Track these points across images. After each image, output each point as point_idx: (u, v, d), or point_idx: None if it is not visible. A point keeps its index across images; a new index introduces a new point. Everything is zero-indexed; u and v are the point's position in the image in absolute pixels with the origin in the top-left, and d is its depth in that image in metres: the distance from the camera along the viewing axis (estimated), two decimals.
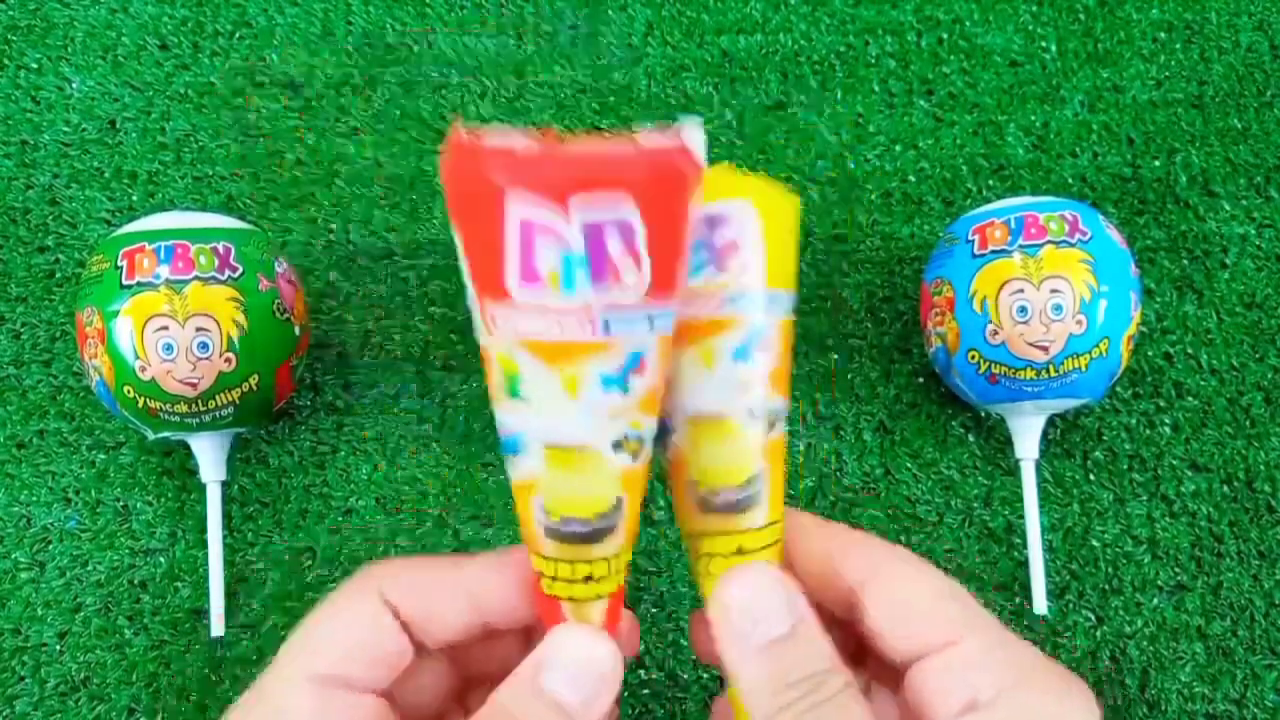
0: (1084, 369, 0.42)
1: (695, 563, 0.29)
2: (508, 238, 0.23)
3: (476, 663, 0.28)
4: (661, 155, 0.22)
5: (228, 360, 0.41)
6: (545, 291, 0.23)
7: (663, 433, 0.29)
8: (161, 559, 0.46)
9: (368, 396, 0.48)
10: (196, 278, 0.41)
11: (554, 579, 0.27)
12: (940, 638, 0.25)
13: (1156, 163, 0.52)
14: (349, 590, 0.26)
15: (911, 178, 0.52)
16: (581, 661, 0.26)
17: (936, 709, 0.25)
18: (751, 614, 0.26)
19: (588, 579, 0.27)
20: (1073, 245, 0.42)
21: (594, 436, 0.26)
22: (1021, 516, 0.47)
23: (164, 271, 0.41)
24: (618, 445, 0.26)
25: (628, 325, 0.24)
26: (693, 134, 0.23)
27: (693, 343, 0.28)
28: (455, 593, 0.27)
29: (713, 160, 0.46)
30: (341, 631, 0.26)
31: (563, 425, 0.26)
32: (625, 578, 0.29)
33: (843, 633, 0.27)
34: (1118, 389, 0.49)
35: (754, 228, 0.27)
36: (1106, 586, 0.46)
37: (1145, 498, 0.47)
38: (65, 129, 0.52)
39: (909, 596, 0.26)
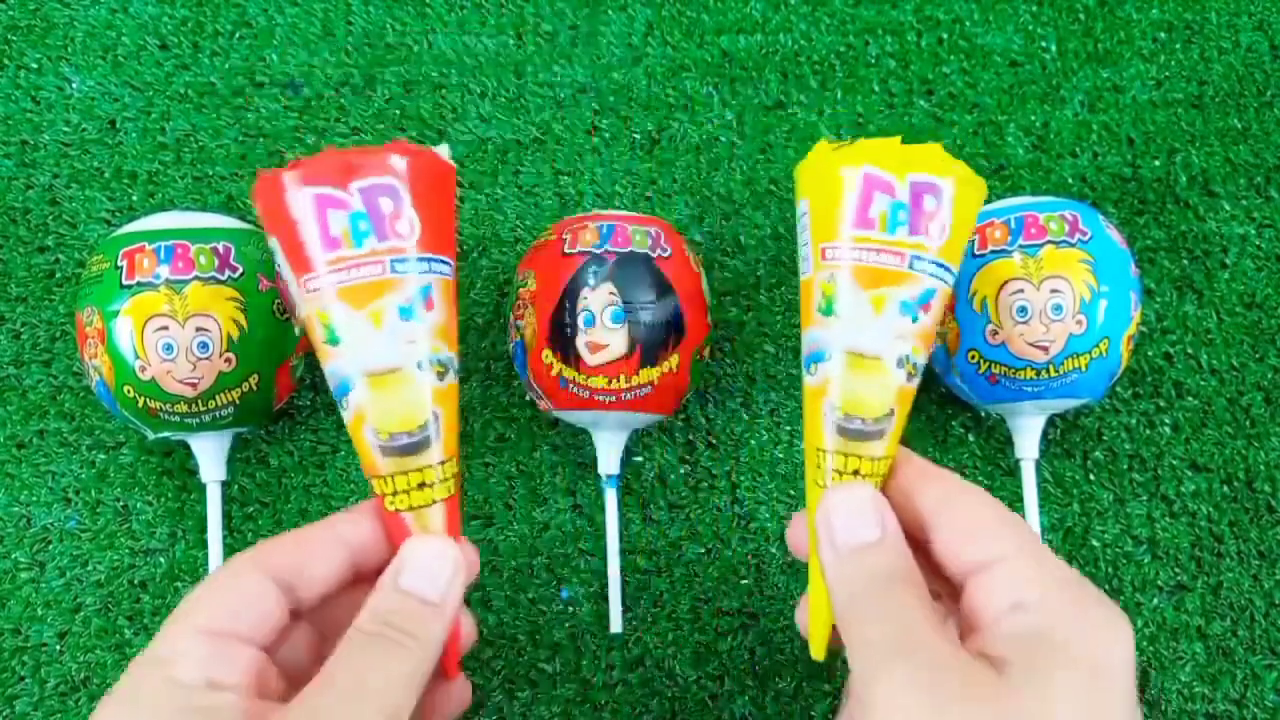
0: (1084, 369, 0.42)
1: (811, 471, 0.35)
2: (305, 221, 0.33)
3: (344, 619, 0.31)
4: (410, 147, 0.34)
5: (228, 360, 0.41)
6: (342, 248, 0.33)
7: (813, 360, 0.35)
8: (161, 559, 0.46)
9: None
10: (196, 278, 0.41)
11: (394, 494, 0.33)
12: (996, 554, 0.29)
13: (1156, 163, 0.52)
14: (234, 562, 0.30)
15: None
16: (431, 559, 0.31)
17: (988, 610, 0.28)
18: (850, 520, 0.31)
19: (421, 485, 0.33)
20: (1073, 245, 0.42)
21: (402, 360, 0.33)
22: (1021, 516, 0.47)
23: (164, 271, 0.41)
24: (421, 365, 0.33)
25: (408, 267, 0.33)
26: (441, 150, 0.35)
27: (869, 287, 0.34)
28: (328, 542, 0.31)
29: (717, 159, 0.49)
30: (228, 594, 0.29)
31: (375, 353, 0.33)
32: (457, 486, 0.34)
33: (916, 554, 0.31)
34: (1118, 389, 0.49)
35: (949, 205, 0.34)
36: (1106, 586, 0.46)
37: (1145, 498, 0.47)
38: (65, 129, 0.52)
39: (972, 521, 0.30)
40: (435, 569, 0.31)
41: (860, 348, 0.34)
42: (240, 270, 0.42)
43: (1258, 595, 0.46)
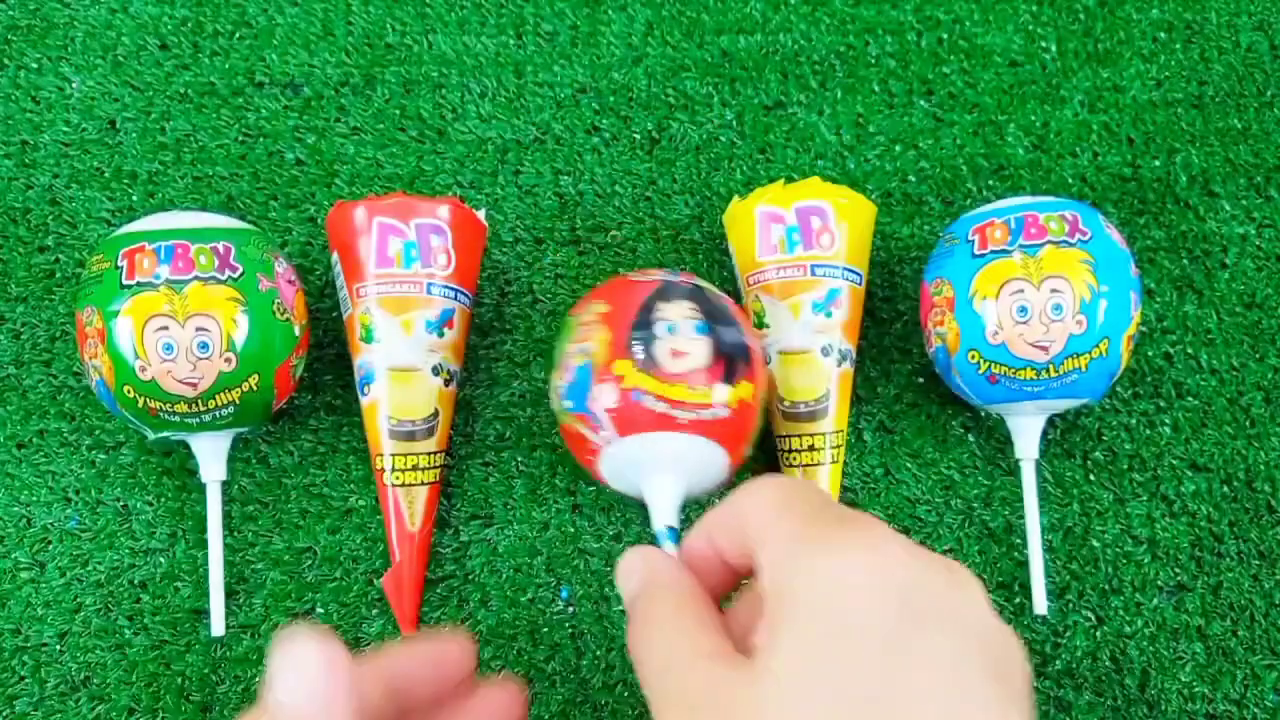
0: (1084, 369, 0.42)
1: (780, 458, 0.46)
2: (369, 241, 0.44)
3: None
4: (458, 203, 0.45)
5: (228, 360, 0.41)
6: (392, 268, 0.43)
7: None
8: (161, 559, 0.46)
9: None
10: (196, 278, 0.41)
11: (392, 470, 0.44)
12: (754, 538, 0.25)
13: (1156, 163, 0.52)
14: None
15: (911, 178, 0.52)
16: (298, 663, 0.26)
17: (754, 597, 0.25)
18: (624, 583, 0.28)
19: (414, 468, 0.43)
20: (1073, 245, 0.42)
21: (421, 362, 0.43)
22: (1021, 516, 0.47)
23: (164, 271, 0.41)
24: (435, 370, 0.44)
25: (439, 291, 0.44)
26: (479, 213, 0.46)
27: (785, 297, 0.44)
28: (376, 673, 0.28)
29: (717, 159, 0.49)
30: None
31: (400, 353, 0.43)
32: (441, 477, 0.45)
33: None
34: (1118, 389, 0.49)
35: (833, 220, 0.44)
36: (1106, 586, 0.46)
37: (1145, 498, 0.47)
38: (65, 129, 0.52)
39: (734, 516, 0.26)
40: (304, 672, 0.26)
41: (790, 346, 0.44)
42: (240, 270, 0.42)
43: (1258, 595, 0.46)
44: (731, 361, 0.38)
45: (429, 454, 0.45)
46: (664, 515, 0.38)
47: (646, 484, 0.38)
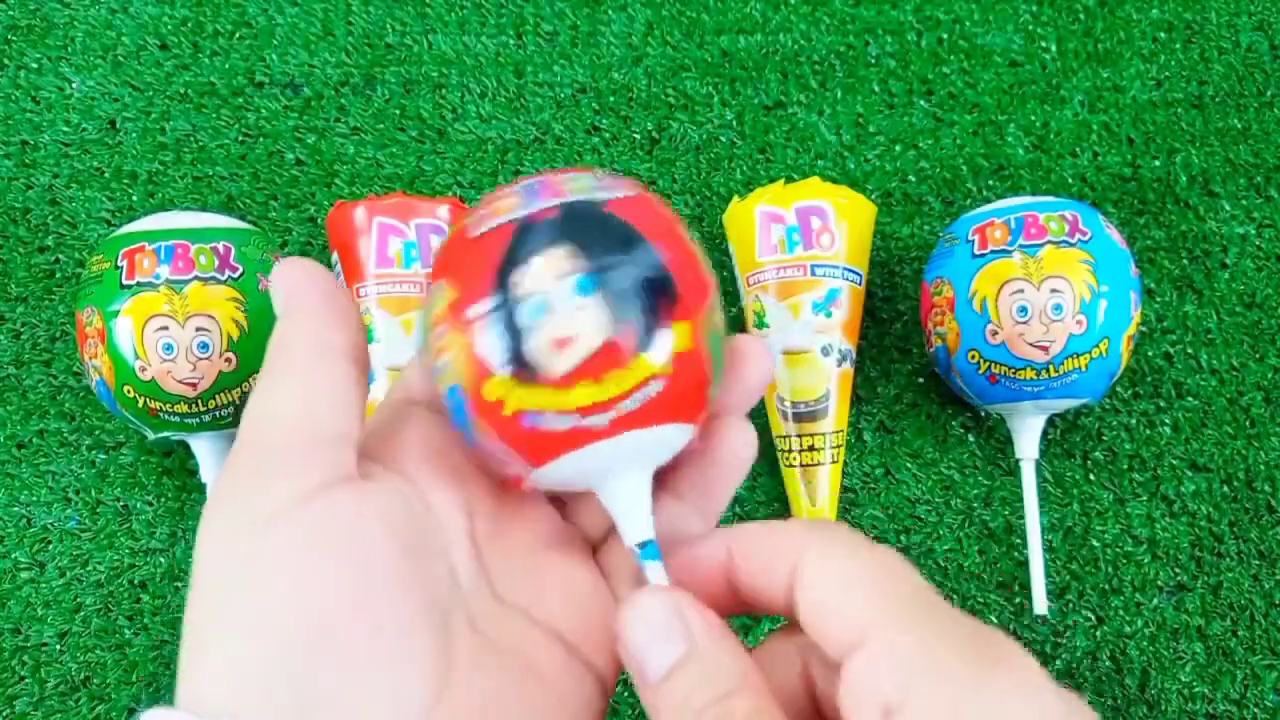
0: (1084, 369, 0.42)
1: (781, 458, 0.46)
2: (369, 241, 0.44)
3: None
4: (458, 203, 0.46)
5: (228, 360, 0.41)
6: (392, 267, 0.44)
7: None
8: (161, 559, 0.46)
9: None
10: (196, 278, 0.41)
11: None
12: (851, 636, 0.21)
13: (1156, 163, 0.52)
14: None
15: (911, 178, 0.52)
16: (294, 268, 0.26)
17: (855, 715, 0.21)
18: (650, 646, 0.23)
19: None
20: (1073, 245, 0.42)
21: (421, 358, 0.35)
22: (1021, 516, 0.47)
23: (164, 271, 0.41)
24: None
25: None
26: None
27: (785, 297, 0.45)
28: None
29: (717, 159, 0.49)
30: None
31: (401, 353, 0.44)
32: None
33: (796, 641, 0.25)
34: (1118, 389, 0.49)
35: (833, 220, 0.45)
36: (1106, 586, 0.46)
37: (1145, 498, 0.47)
38: (65, 129, 0.52)
39: (822, 593, 0.22)
40: (283, 280, 0.26)
41: (791, 346, 0.44)
42: (240, 270, 0.42)
43: (1258, 595, 0.46)
44: (645, 313, 0.25)
45: None
46: (632, 529, 0.27)
47: (599, 495, 0.28)
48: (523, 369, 0.24)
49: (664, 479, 0.28)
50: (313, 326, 0.24)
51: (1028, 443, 0.45)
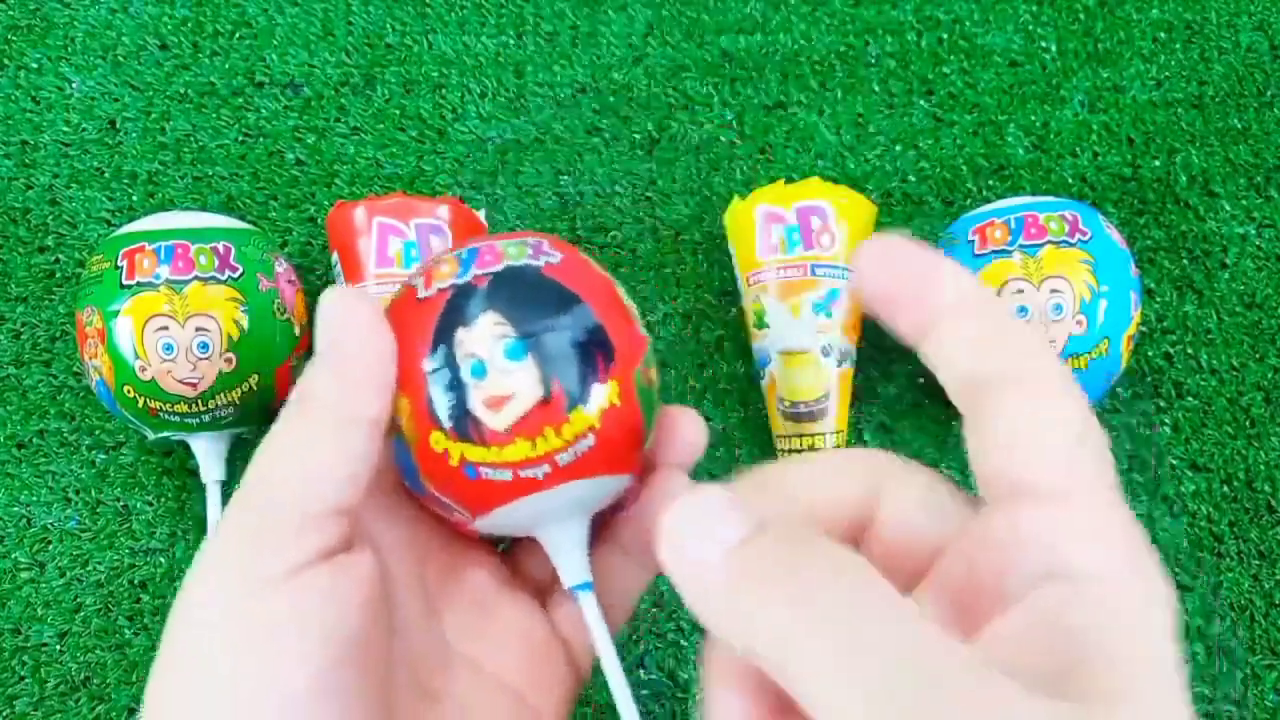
0: (1084, 369, 0.42)
1: (780, 458, 0.44)
2: (369, 241, 0.44)
3: None
4: (458, 203, 0.45)
5: (228, 360, 0.41)
6: (392, 267, 0.44)
7: (760, 366, 0.46)
8: (161, 559, 0.46)
9: None
10: (196, 278, 0.41)
11: None
12: (1053, 487, 0.19)
13: (1156, 163, 0.52)
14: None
15: (911, 178, 0.52)
16: (323, 310, 0.25)
17: (1013, 570, 0.18)
18: (694, 529, 0.19)
19: None
20: (1073, 245, 0.42)
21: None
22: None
23: (164, 271, 0.41)
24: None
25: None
26: (479, 213, 0.46)
27: (785, 298, 0.44)
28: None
29: (717, 159, 0.49)
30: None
31: None
32: None
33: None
34: (1118, 389, 0.49)
35: (834, 219, 0.44)
36: None
37: (1145, 498, 0.47)
38: (65, 129, 0.52)
39: (1038, 426, 0.20)
40: (321, 319, 0.24)
41: (791, 346, 0.44)
42: (240, 270, 0.42)
43: (1258, 595, 0.46)
44: (576, 372, 0.27)
45: None
46: (570, 572, 0.29)
47: (539, 539, 0.29)
48: (464, 425, 0.26)
49: (606, 531, 0.29)
50: (341, 390, 0.24)
51: None
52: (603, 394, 0.27)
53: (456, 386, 0.26)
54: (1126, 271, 0.42)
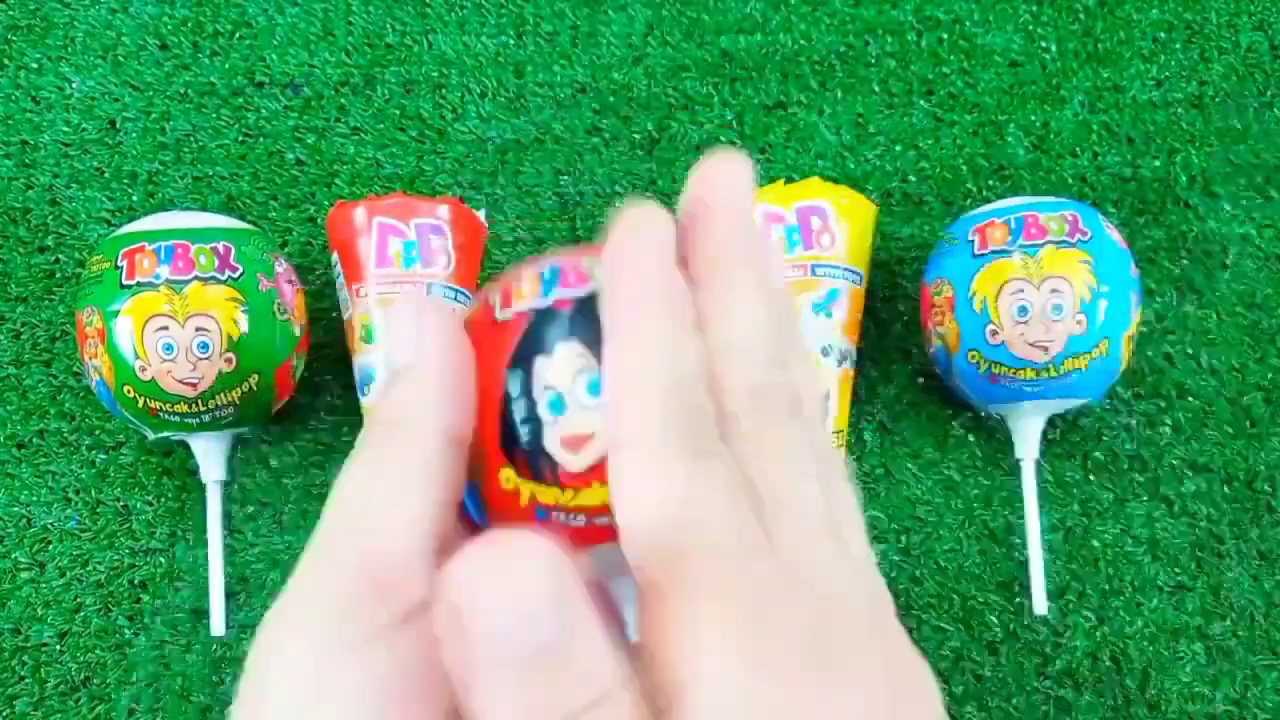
0: (1084, 369, 0.42)
1: None
2: (369, 241, 0.44)
3: None
4: (458, 203, 0.45)
5: (228, 360, 0.41)
6: (392, 268, 0.44)
7: None
8: (161, 559, 0.46)
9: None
10: (196, 278, 0.41)
11: None
12: (686, 672, 0.18)
13: (1156, 163, 0.52)
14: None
15: (911, 178, 0.52)
16: (392, 325, 0.24)
17: None
18: (497, 616, 0.17)
19: None
20: (1073, 245, 0.42)
21: None
22: (1021, 517, 0.47)
23: (164, 271, 0.41)
24: None
25: (439, 292, 0.44)
26: (479, 213, 0.47)
27: None
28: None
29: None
30: None
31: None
32: None
33: None
34: (1118, 389, 0.49)
35: (834, 219, 0.45)
36: (1106, 587, 0.46)
37: (1145, 498, 0.47)
38: (65, 129, 0.52)
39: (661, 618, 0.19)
40: (399, 332, 0.23)
41: None
42: (240, 270, 0.42)
43: (1258, 595, 0.46)
44: None
45: None
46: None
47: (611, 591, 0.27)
48: (537, 463, 0.24)
49: None
50: (431, 407, 0.22)
51: (1028, 443, 0.45)
52: None
53: (532, 420, 0.24)
54: (1126, 271, 0.42)
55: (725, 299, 0.21)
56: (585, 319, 0.24)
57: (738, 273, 0.21)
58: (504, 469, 0.24)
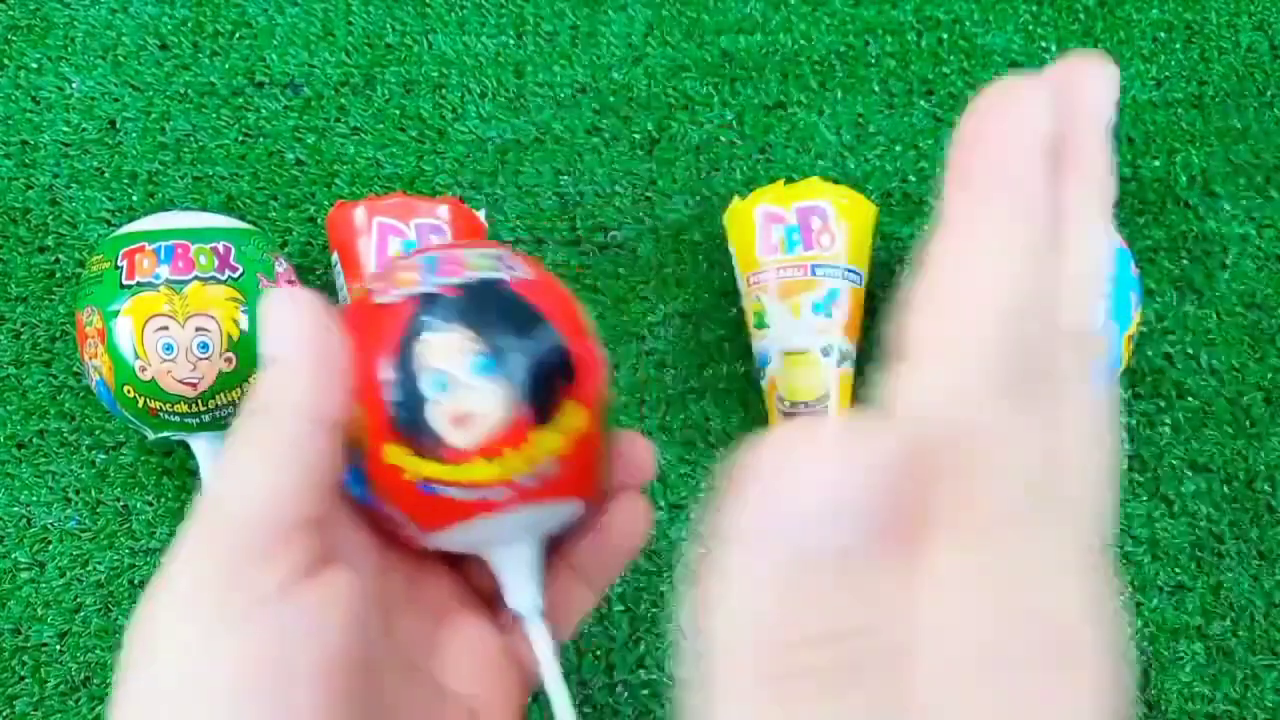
0: None
1: None
2: (369, 241, 0.44)
3: None
4: (458, 203, 0.45)
5: (228, 360, 0.41)
6: None
7: (760, 366, 0.46)
8: (161, 559, 0.46)
9: None
10: (196, 278, 0.41)
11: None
12: None
13: (1156, 163, 0.52)
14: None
15: (911, 178, 0.52)
16: (272, 312, 0.24)
17: None
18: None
19: None
20: None
21: None
22: None
23: (164, 271, 0.41)
24: None
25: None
26: (479, 213, 0.46)
27: (785, 297, 0.44)
28: None
29: (717, 159, 0.49)
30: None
31: None
32: None
33: None
34: (1117, 389, 0.49)
35: (834, 219, 0.44)
36: None
37: (1145, 498, 0.47)
38: (65, 129, 0.52)
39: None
40: (269, 324, 0.23)
41: (791, 346, 0.44)
42: (240, 270, 0.42)
43: (1258, 595, 0.46)
44: (543, 393, 0.26)
45: None
46: (517, 595, 0.28)
47: (488, 560, 0.28)
48: (423, 440, 0.25)
49: (559, 547, 0.29)
50: (299, 391, 0.23)
51: None
52: (568, 418, 0.26)
53: (416, 399, 0.25)
54: (1126, 271, 0.42)
55: (1078, 224, 0.18)
56: (472, 305, 0.25)
57: (1095, 197, 0.19)
58: (388, 445, 0.25)
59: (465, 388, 0.25)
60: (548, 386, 0.26)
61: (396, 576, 0.27)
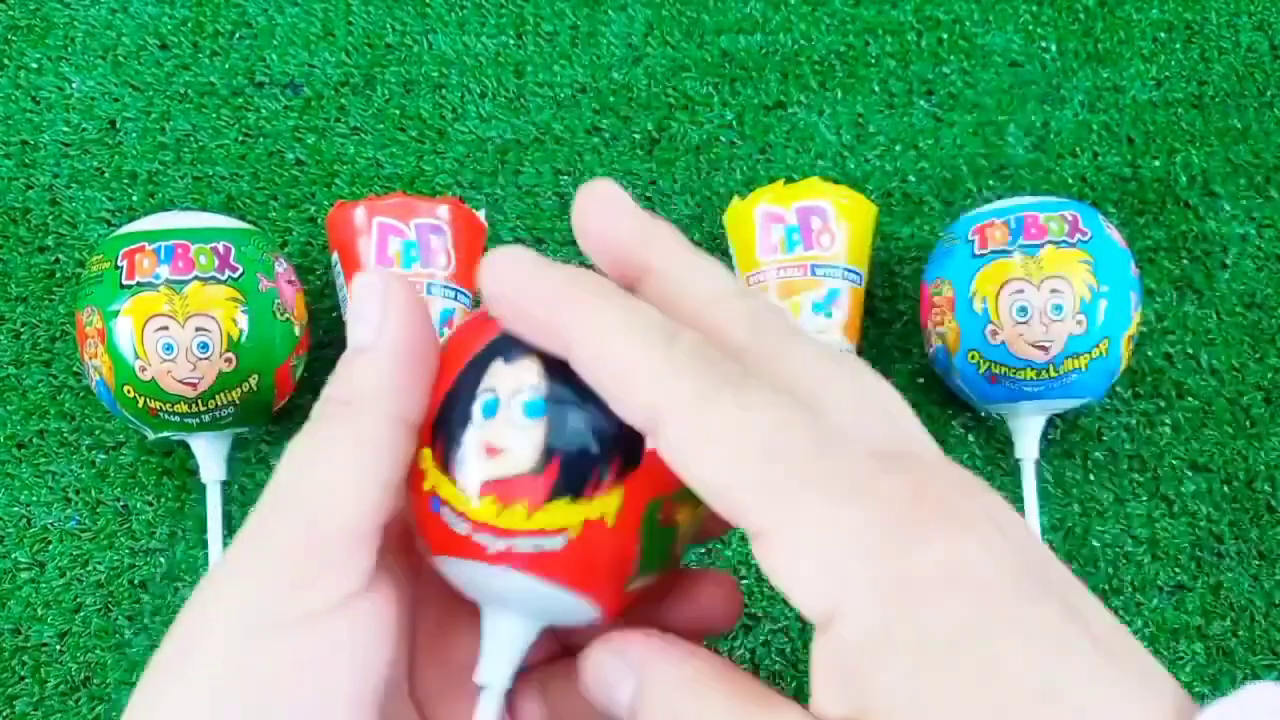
0: (1084, 369, 0.42)
1: None
2: (369, 241, 0.44)
3: None
4: (458, 203, 0.45)
5: (228, 360, 0.41)
6: (392, 268, 0.44)
7: None
8: (161, 559, 0.46)
9: None
10: (196, 278, 0.41)
11: None
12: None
13: (1156, 163, 0.52)
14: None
15: (911, 178, 0.52)
16: (357, 296, 0.23)
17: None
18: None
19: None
20: (1073, 245, 0.42)
21: None
22: (1021, 516, 0.47)
23: (164, 271, 0.41)
24: None
25: (439, 291, 0.44)
26: (479, 213, 0.46)
27: (785, 297, 0.45)
28: None
29: (717, 159, 0.49)
30: None
31: None
32: None
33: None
34: (1118, 389, 0.49)
35: (834, 220, 0.45)
36: (1106, 586, 0.46)
37: (1145, 498, 0.47)
38: (65, 129, 0.52)
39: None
40: (362, 310, 0.22)
41: None
42: (240, 270, 0.42)
43: (1258, 595, 0.46)
44: (577, 464, 0.23)
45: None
46: (488, 668, 0.25)
47: (482, 616, 0.25)
48: (450, 454, 0.23)
49: (570, 651, 0.26)
50: (388, 389, 0.21)
51: (1028, 443, 0.45)
52: (599, 501, 0.23)
53: (465, 414, 0.23)
54: (1126, 271, 0.42)
55: (670, 267, 0.22)
56: None
57: (660, 243, 0.22)
58: (425, 448, 0.23)
59: (508, 422, 0.23)
60: (592, 458, 0.23)
61: (429, 613, 0.25)
